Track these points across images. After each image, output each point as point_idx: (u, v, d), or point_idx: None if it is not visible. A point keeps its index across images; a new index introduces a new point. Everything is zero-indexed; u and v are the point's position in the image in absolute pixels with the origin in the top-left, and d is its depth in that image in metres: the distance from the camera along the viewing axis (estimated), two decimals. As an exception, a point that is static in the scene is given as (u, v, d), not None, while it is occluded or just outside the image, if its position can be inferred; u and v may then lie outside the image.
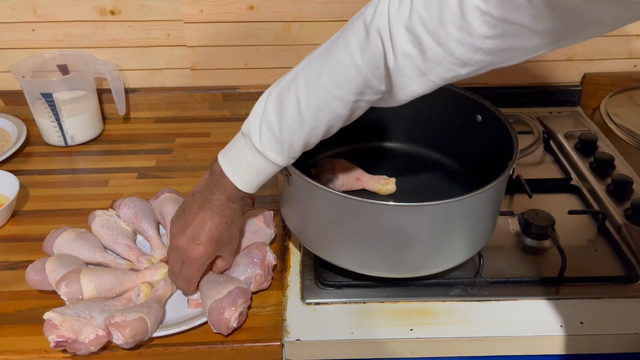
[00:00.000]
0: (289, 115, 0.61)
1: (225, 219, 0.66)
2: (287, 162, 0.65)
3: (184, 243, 0.66)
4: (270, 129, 0.62)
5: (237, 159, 0.65)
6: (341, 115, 0.62)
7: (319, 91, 0.60)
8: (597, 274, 0.75)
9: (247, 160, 0.65)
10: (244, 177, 0.65)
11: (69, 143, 1.02)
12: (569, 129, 1.04)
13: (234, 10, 1.03)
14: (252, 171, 0.65)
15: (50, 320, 0.62)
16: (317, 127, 0.62)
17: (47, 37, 1.04)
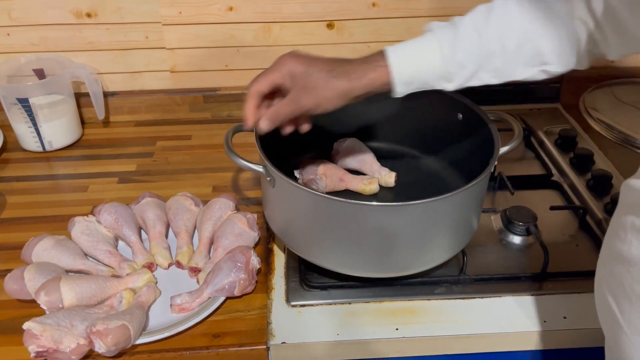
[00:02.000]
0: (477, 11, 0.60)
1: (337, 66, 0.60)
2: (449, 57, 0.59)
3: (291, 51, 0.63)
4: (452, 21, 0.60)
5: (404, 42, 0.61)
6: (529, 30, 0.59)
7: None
8: (579, 268, 0.76)
9: (416, 40, 0.60)
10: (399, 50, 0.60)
11: (47, 148, 1.00)
12: (549, 126, 1.05)
13: (213, 11, 1.03)
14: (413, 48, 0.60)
15: (30, 330, 0.61)
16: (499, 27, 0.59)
17: (23, 41, 1.03)
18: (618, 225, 0.51)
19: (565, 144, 0.99)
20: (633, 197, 0.50)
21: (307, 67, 0.61)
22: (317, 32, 1.07)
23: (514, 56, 0.60)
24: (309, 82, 0.61)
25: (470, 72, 0.61)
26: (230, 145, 0.74)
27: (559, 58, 0.61)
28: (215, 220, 0.79)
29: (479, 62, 0.60)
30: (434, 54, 0.60)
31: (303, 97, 0.61)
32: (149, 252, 0.77)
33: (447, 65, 0.60)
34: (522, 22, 0.59)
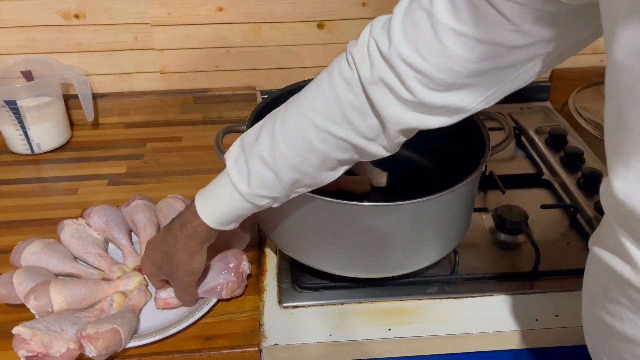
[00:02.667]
0: (262, 139, 0.58)
1: (167, 249, 0.64)
2: (251, 199, 0.59)
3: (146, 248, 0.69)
4: (244, 152, 0.59)
5: (211, 184, 0.62)
6: (315, 149, 0.56)
7: (295, 114, 0.56)
8: (570, 267, 0.76)
9: (217, 184, 0.61)
10: (205, 202, 0.61)
11: (36, 151, 0.99)
12: (540, 125, 1.06)
13: (202, 12, 1.02)
14: (217, 197, 0.61)
15: (20, 334, 0.61)
16: (288, 157, 0.56)
17: (10, 42, 1.01)
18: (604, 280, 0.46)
19: (556, 142, 1.00)
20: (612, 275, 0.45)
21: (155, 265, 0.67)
22: (307, 32, 1.07)
23: (320, 173, 0.59)
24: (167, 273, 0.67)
25: (284, 198, 0.61)
26: (220, 146, 0.73)
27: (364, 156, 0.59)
28: (206, 222, 0.78)
29: (287, 190, 0.60)
30: (236, 199, 0.60)
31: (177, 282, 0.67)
32: (140, 254, 0.76)
33: (256, 202, 0.60)
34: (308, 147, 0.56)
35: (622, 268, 0.42)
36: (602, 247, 0.45)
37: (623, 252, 0.42)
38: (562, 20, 0.45)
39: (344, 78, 0.54)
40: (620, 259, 0.42)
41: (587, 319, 0.52)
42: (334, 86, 0.54)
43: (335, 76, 0.54)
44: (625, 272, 0.42)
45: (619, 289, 0.43)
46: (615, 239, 0.42)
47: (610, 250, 0.44)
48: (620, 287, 0.43)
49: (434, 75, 0.49)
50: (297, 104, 0.57)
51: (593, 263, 0.48)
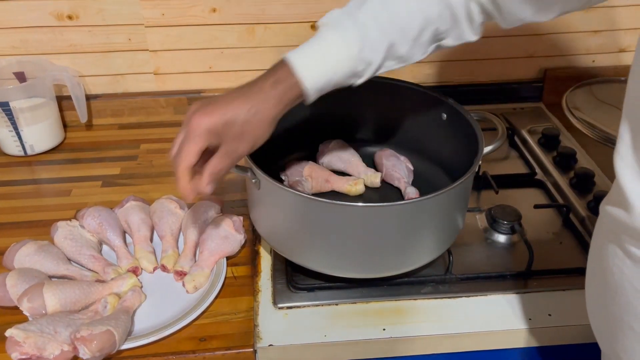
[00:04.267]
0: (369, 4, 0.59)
1: (252, 104, 0.56)
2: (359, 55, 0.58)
3: (195, 107, 0.57)
4: (348, 12, 0.59)
5: (305, 45, 0.59)
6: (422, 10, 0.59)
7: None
8: (564, 266, 0.76)
9: (311, 43, 0.58)
10: (303, 57, 0.57)
11: (29, 152, 0.99)
12: (532, 125, 1.06)
13: (196, 13, 1.02)
14: (319, 51, 0.57)
15: (13, 337, 0.61)
16: (399, 15, 0.59)
17: (3, 43, 1.01)
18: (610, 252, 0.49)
19: (549, 142, 1.00)
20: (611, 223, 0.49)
21: (225, 118, 0.56)
22: (301, 33, 1.07)
23: (415, 42, 0.62)
24: (236, 132, 0.57)
25: (377, 65, 0.61)
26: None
27: (454, 34, 0.64)
28: (200, 223, 0.79)
29: (385, 54, 0.60)
30: (341, 57, 0.58)
31: (238, 146, 0.58)
32: (134, 256, 0.76)
33: (355, 65, 0.59)
34: (419, 8, 0.60)
35: (620, 214, 0.46)
36: (608, 203, 0.49)
37: (623, 199, 0.45)
38: None
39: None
40: (620, 208, 0.46)
41: (595, 307, 0.54)
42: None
43: None
44: (622, 217, 0.45)
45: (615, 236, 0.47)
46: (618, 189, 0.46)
47: (613, 203, 0.47)
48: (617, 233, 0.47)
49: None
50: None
51: (597, 225, 0.52)
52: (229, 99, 0.58)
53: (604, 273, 0.49)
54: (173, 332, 0.66)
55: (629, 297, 0.46)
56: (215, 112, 0.56)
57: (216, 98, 0.58)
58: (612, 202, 0.48)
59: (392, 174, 0.85)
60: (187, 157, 0.57)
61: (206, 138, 0.56)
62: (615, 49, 1.14)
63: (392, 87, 0.85)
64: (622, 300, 0.47)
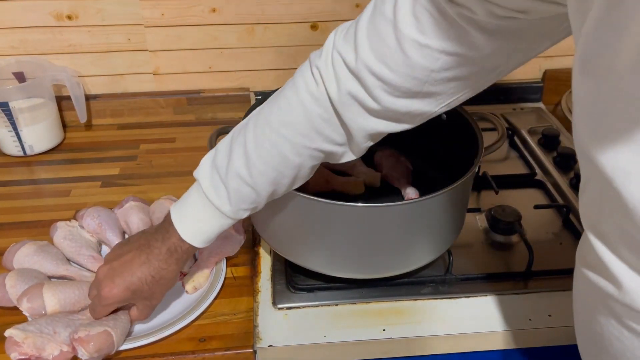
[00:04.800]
0: (236, 158, 0.58)
1: (155, 272, 0.62)
2: (234, 215, 0.60)
3: (103, 275, 0.63)
4: (219, 173, 0.59)
5: (186, 205, 0.62)
6: (291, 162, 0.58)
7: (267, 132, 0.57)
8: (564, 266, 0.76)
9: (195, 206, 0.61)
10: (189, 226, 0.61)
11: (28, 153, 0.99)
12: (532, 125, 1.06)
13: (196, 13, 1.02)
14: (199, 219, 0.61)
15: (12, 337, 0.60)
16: (265, 173, 0.58)
17: (2, 43, 1.01)
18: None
19: (549, 143, 1.00)
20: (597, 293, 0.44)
21: (130, 288, 0.62)
22: (301, 33, 1.07)
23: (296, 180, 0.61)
24: (144, 294, 0.63)
25: (263, 205, 0.62)
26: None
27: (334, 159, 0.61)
28: (200, 224, 0.78)
29: (266, 199, 0.61)
30: (223, 220, 0.61)
31: (150, 302, 0.65)
32: (133, 256, 0.76)
33: (238, 216, 0.61)
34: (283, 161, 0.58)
35: (606, 287, 0.41)
36: (586, 267, 0.44)
37: (605, 271, 0.41)
38: (523, 33, 0.47)
39: (310, 93, 0.55)
40: (604, 278, 0.42)
41: (581, 334, 0.51)
42: (301, 101, 0.56)
43: (301, 90, 0.56)
44: (609, 290, 0.41)
45: (605, 306, 0.43)
46: (596, 257, 0.41)
47: (594, 269, 0.43)
48: (607, 304, 0.42)
49: (399, 84, 0.51)
50: (267, 120, 0.58)
51: (577, 285, 0.48)
52: (132, 268, 0.62)
53: (598, 338, 0.46)
54: (173, 333, 0.66)
55: None
56: (122, 285, 0.62)
57: (118, 263, 0.63)
58: (594, 270, 0.43)
59: (391, 174, 0.85)
60: (102, 315, 0.65)
61: (117, 304, 0.64)
62: (615, 50, 1.14)
63: (392, 88, 0.85)
64: None
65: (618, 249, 0.39)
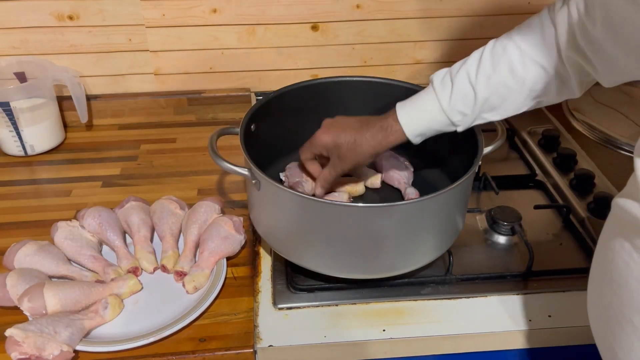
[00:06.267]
0: (471, 60, 0.66)
1: (359, 138, 0.70)
2: (449, 111, 0.66)
3: (327, 122, 0.73)
4: (451, 72, 0.67)
5: (413, 98, 0.69)
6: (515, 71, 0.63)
7: (504, 40, 0.64)
8: (564, 266, 0.76)
9: (419, 97, 0.68)
10: (408, 110, 0.68)
11: (29, 153, 0.99)
12: (532, 126, 1.06)
13: (196, 13, 1.02)
14: (419, 108, 0.68)
15: (13, 337, 0.61)
16: (489, 75, 0.64)
17: (3, 44, 1.01)
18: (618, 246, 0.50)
19: (549, 144, 1.00)
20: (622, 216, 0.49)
21: (335, 141, 0.71)
22: (301, 34, 1.07)
23: (510, 99, 0.66)
24: (340, 153, 0.72)
25: (473, 117, 0.68)
26: (215, 148, 0.73)
27: (551, 93, 0.66)
28: (200, 224, 0.79)
29: (479, 109, 0.66)
30: (435, 110, 0.67)
31: (340, 164, 0.73)
32: (134, 256, 0.76)
33: (450, 117, 0.67)
34: (509, 69, 0.64)
35: (631, 206, 0.46)
36: (622, 196, 0.49)
37: (636, 193, 0.45)
38: None
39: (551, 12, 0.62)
40: (632, 199, 0.46)
41: (596, 301, 0.54)
42: (541, 18, 0.63)
43: (544, 11, 0.63)
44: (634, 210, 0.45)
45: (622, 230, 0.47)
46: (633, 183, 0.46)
47: (627, 195, 0.48)
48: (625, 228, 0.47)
49: None
50: (508, 34, 0.65)
51: (608, 219, 0.53)
52: (346, 126, 0.72)
53: (608, 266, 0.50)
54: (173, 333, 0.66)
55: (632, 291, 0.46)
56: (331, 134, 0.72)
57: (340, 121, 0.74)
58: (626, 195, 0.48)
59: (392, 175, 0.85)
60: (305, 153, 0.76)
61: (319, 149, 0.74)
62: (615, 51, 1.14)
63: (392, 88, 0.85)
64: (625, 293, 0.47)
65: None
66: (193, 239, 0.77)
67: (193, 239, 0.77)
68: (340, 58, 1.11)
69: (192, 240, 0.77)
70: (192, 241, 0.77)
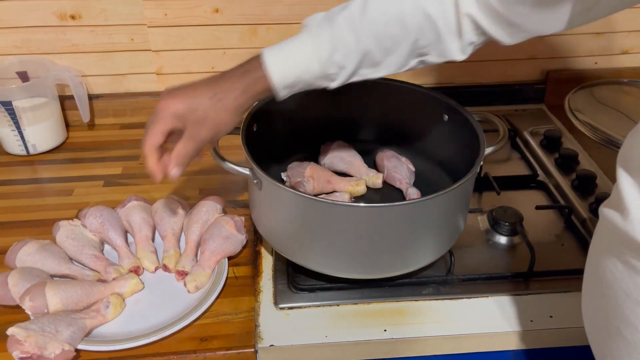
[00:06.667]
0: (355, 2, 0.58)
1: (218, 90, 0.58)
2: (324, 61, 0.58)
3: (166, 91, 0.60)
4: (329, 15, 0.59)
5: (284, 41, 0.59)
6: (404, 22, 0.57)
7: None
8: (565, 267, 0.76)
9: (292, 41, 0.58)
10: (276, 54, 0.58)
11: (31, 152, 0.99)
12: (534, 126, 1.06)
13: (199, 13, 1.02)
14: (290, 54, 0.58)
15: (14, 335, 0.61)
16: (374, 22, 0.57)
17: (5, 43, 1.01)
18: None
19: (550, 144, 1.00)
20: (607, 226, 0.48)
21: (189, 103, 0.59)
22: (303, 34, 1.07)
23: (391, 52, 0.59)
24: (198, 117, 0.59)
25: (350, 71, 0.60)
26: (217, 147, 0.73)
27: (437, 50, 0.61)
28: (202, 223, 0.79)
29: (358, 61, 0.59)
30: (311, 57, 0.58)
31: (200, 131, 0.60)
32: (136, 256, 0.76)
33: (326, 67, 0.59)
34: (398, 18, 0.58)
35: (614, 217, 0.45)
36: (606, 205, 0.48)
37: (618, 201, 0.44)
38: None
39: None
40: (614, 209, 0.45)
41: (588, 308, 0.53)
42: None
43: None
44: (616, 220, 0.44)
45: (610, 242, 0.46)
46: (616, 193, 0.45)
47: (611, 205, 0.47)
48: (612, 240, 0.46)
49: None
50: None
51: (597, 229, 0.51)
52: (197, 85, 0.60)
53: (598, 275, 0.49)
54: (174, 332, 0.66)
55: (619, 301, 0.46)
56: (180, 97, 0.58)
57: (186, 84, 0.60)
58: (610, 205, 0.48)
59: (393, 175, 0.85)
60: (153, 136, 0.61)
61: (170, 120, 0.59)
62: (617, 51, 1.14)
63: (394, 88, 0.85)
64: (613, 303, 0.47)
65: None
66: (194, 239, 0.77)
67: (194, 238, 0.77)
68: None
69: (194, 240, 0.77)
70: (194, 241, 0.77)
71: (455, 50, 0.61)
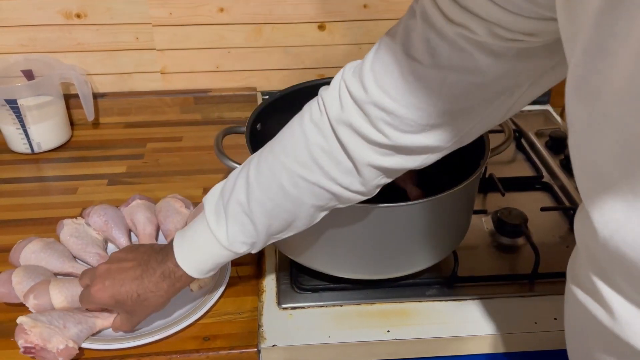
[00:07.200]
0: (239, 184, 0.57)
1: (142, 291, 0.61)
2: (230, 246, 0.58)
3: (100, 273, 0.63)
4: (223, 199, 0.58)
5: (189, 230, 0.61)
6: (288, 193, 0.55)
7: (269, 158, 0.56)
8: (570, 269, 0.76)
9: (196, 232, 0.60)
10: (186, 251, 0.60)
11: (36, 150, 0.99)
12: (540, 127, 1.06)
13: (204, 12, 1.02)
14: (197, 246, 0.60)
15: (21, 324, 0.61)
16: (262, 202, 0.55)
17: (11, 41, 1.02)
18: None
19: (556, 145, 1.00)
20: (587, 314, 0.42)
21: (116, 300, 0.62)
22: (308, 33, 1.07)
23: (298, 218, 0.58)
24: (126, 309, 0.63)
25: (262, 241, 0.60)
26: (220, 147, 0.73)
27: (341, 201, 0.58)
28: (205, 223, 0.78)
29: (264, 235, 0.59)
30: (216, 247, 0.59)
31: (131, 317, 0.64)
32: (139, 254, 0.76)
33: (235, 249, 0.59)
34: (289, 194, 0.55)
35: (596, 310, 0.40)
36: (577, 285, 0.43)
37: (597, 295, 0.39)
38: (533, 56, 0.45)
39: (313, 121, 0.53)
40: (595, 301, 0.40)
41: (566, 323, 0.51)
42: (304, 129, 0.54)
43: (305, 119, 0.54)
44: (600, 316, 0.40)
45: (598, 335, 0.41)
46: (587, 278, 0.40)
47: (584, 289, 0.42)
48: (599, 331, 0.41)
49: (404, 115, 0.48)
50: (271, 148, 0.56)
51: (570, 299, 0.47)
52: (124, 277, 0.62)
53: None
54: (177, 331, 0.66)
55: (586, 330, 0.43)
56: (110, 290, 0.62)
57: (115, 270, 0.62)
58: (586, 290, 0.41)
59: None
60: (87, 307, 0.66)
61: (101, 306, 0.64)
62: (624, 52, 1.14)
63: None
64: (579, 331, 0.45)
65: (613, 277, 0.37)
66: (198, 238, 0.77)
67: (198, 237, 0.77)
68: (347, 58, 1.10)
69: (197, 239, 0.77)
70: (197, 240, 0.77)
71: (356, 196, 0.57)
